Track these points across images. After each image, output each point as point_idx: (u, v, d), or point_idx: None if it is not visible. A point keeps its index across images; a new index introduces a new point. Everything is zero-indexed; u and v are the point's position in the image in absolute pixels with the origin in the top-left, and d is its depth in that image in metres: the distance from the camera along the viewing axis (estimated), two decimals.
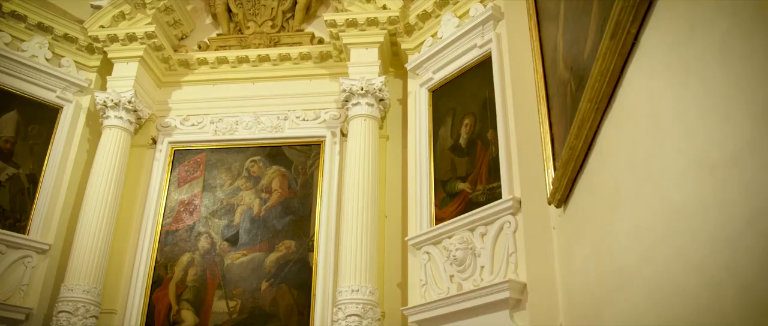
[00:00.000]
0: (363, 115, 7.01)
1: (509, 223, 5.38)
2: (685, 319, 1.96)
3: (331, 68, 7.86)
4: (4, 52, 7.33)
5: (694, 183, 1.91)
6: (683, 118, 1.99)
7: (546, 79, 4.42)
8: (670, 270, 2.10)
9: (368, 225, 6.42)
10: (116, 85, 7.58)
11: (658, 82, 2.23)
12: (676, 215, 2.05)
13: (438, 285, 5.88)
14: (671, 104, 2.10)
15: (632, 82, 2.52)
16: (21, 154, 7.24)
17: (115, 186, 7.15)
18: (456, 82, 6.64)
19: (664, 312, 2.15)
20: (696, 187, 1.89)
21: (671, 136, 2.10)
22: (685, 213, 1.97)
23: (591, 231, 3.29)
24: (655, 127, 2.26)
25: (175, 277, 7.14)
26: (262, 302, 6.88)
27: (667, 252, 2.13)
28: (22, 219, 7.01)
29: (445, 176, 6.32)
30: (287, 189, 7.42)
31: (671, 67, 2.10)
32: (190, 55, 8.15)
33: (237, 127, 7.77)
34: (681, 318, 2.00)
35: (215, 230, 7.33)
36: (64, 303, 6.50)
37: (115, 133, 7.40)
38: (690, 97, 1.95)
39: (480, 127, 6.15)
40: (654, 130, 2.26)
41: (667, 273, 2.12)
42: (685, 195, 1.97)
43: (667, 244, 2.13)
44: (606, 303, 2.94)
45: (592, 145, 3.15)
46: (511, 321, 5.10)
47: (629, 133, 2.57)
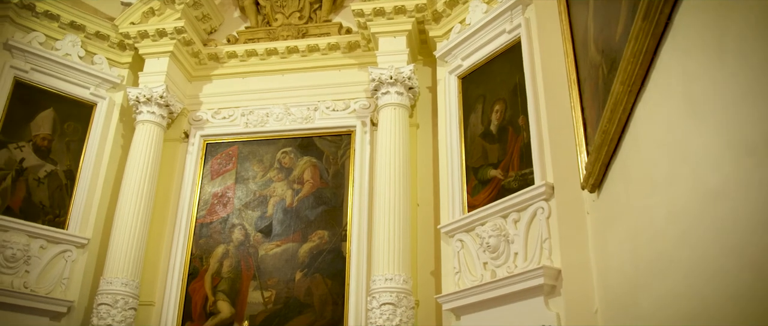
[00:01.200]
0: (393, 104, 7.00)
1: (542, 209, 5.35)
2: (725, 303, 1.93)
3: (359, 58, 7.86)
4: (39, 52, 7.47)
5: (731, 165, 1.87)
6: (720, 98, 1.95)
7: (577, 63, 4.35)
8: (708, 253, 2.07)
9: (400, 214, 6.43)
10: (148, 80, 7.67)
11: (692, 62, 2.18)
12: (713, 197, 2.01)
13: (471, 273, 5.87)
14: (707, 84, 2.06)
15: (666, 62, 2.47)
16: (58, 150, 7.38)
17: (149, 180, 7.26)
18: (485, 68, 6.59)
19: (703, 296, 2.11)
20: (734, 169, 1.85)
21: (707, 116, 2.06)
22: (723, 195, 1.93)
23: (626, 216, 3.25)
24: (690, 108, 2.21)
25: (210, 269, 7.23)
26: (296, 292, 6.94)
27: (705, 235, 2.09)
28: (61, 215, 7.16)
29: (476, 163, 6.29)
30: (319, 180, 7.45)
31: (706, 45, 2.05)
32: (219, 49, 8.21)
33: (268, 118, 7.82)
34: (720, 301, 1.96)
35: (249, 221, 7.40)
36: (104, 295, 6.63)
37: (148, 128, 7.50)
38: (726, 76, 1.90)
39: (511, 113, 6.10)
40: (689, 111, 2.22)
41: (705, 256, 2.09)
42: (723, 177, 1.93)
43: (704, 227, 2.09)
44: (642, 288, 2.90)
45: (625, 128, 3.10)
46: (545, 307, 5.07)
47: (664, 115, 2.52)
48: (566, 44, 4.61)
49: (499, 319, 5.41)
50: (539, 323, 4.95)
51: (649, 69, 2.64)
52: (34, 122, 7.34)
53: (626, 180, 3.22)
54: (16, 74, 7.32)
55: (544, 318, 4.99)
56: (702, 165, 2.11)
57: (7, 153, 7.05)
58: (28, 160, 7.16)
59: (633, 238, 3.10)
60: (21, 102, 7.29)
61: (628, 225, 3.21)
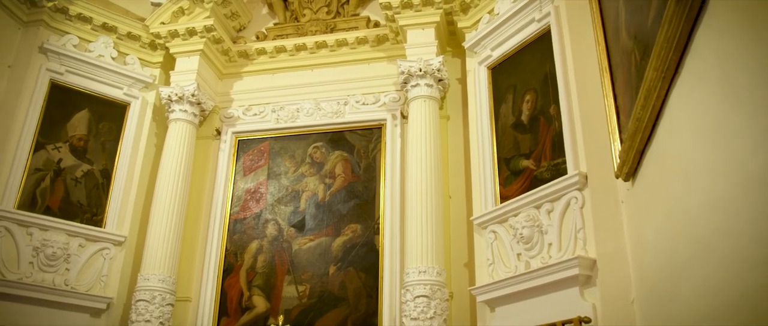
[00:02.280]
0: (423, 96, 6.98)
1: (576, 199, 5.30)
2: None
3: (388, 51, 7.85)
4: (73, 54, 7.61)
5: None
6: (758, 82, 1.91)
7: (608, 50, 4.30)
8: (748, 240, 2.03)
9: (432, 206, 6.41)
10: (179, 79, 7.76)
11: (729, 45, 2.14)
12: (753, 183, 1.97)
13: (505, 264, 5.84)
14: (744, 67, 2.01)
15: (701, 46, 2.43)
16: (94, 150, 7.51)
17: (183, 177, 7.35)
18: (515, 58, 6.53)
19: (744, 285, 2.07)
20: None
21: (745, 100, 2.02)
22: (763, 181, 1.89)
23: (662, 204, 3.20)
24: (727, 92, 2.17)
25: (245, 264, 7.30)
26: (330, 286, 6.98)
27: (745, 223, 2.05)
28: (99, 213, 7.29)
29: (508, 154, 6.25)
30: (350, 174, 7.47)
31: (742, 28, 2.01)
32: (248, 46, 8.27)
33: (298, 114, 7.86)
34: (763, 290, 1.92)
35: (282, 217, 7.45)
36: (142, 292, 6.74)
37: (181, 126, 7.59)
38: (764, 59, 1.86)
39: (542, 103, 6.05)
40: (726, 95, 2.18)
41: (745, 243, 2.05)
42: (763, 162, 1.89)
43: (744, 214, 2.05)
44: (680, 277, 2.86)
45: (660, 115, 3.05)
46: (581, 297, 5.03)
47: (699, 101, 2.47)
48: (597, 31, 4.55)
49: (534, 310, 5.37)
50: (575, 314, 4.91)
51: (684, 53, 2.60)
52: (71, 123, 7.48)
53: (662, 167, 3.18)
54: (52, 77, 7.46)
55: (579, 309, 4.94)
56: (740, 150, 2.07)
57: (45, 154, 7.20)
58: (65, 160, 7.30)
59: (669, 226, 3.05)
60: (57, 104, 7.43)
61: (664, 213, 3.17)
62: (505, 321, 5.64)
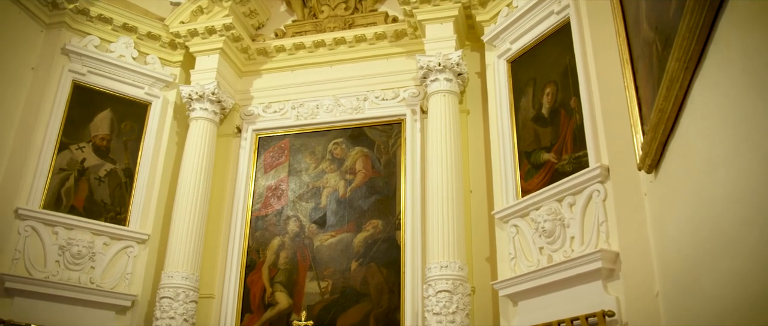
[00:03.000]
0: (442, 91, 6.96)
1: (598, 192, 5.26)
2: None
3: (407, 46, 7.84)
4: (94, 55, 7.69)
5: None
6: None
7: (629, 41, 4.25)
8: None
9: (453, 201, 6.40)
10: (199, 78, 7.81)
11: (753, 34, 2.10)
12: None
13: (527, 258, 5.82)
14: None
15: (724, 36, 2.39)
16: (116, 149, 7.59)
17: (205, 175, 7.40)
18: (535, 51, 6.50)
19: None
20: None
21: None
22: None
23: (686, 196, 3.17)
24: (751, 82, 2.14)
25: (267, 261, 7.35)
26: (352, 281, 6.99)
27: None
28: (122, 212, 7.37)
29: (528, 147, 6.22)
30: (371, 170, 7.48)
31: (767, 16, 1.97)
32: (267, 44, 8.30)
33: (318, 110, 7.88)
34: None
35: (303, 213, 7.48)
36: (165, 289, 6.81)
37: (202, 125, 7.64)
38: None
39: (562, 96, 6.01)
40: (750, 85, 2.14)
41: None
42: None
43: None
44: (705, 270, 2.83)
45: (682, 106, 3.02)
46: (604, 291, 5.00)
47: (723, 91, 2.44)
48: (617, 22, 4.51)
49: (557, 304, 5.35)
50: (598, 308, 4.88)
51: (706, 43, 2.56)
52: (93, 123, 7.56)
53: (685, 159, 3.14)
54: (74, 77, 7.55)
55: (602, 303, 4.92)
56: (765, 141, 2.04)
57: (69, 154, 7.29)
58: (88, 159, 7.39)
59: (693, 219, 3.02)
60: (80, 104, 7.52)
61: (688, 205, 3.13)
62: (527, 315, 5.62)
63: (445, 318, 5.93)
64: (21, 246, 6.72)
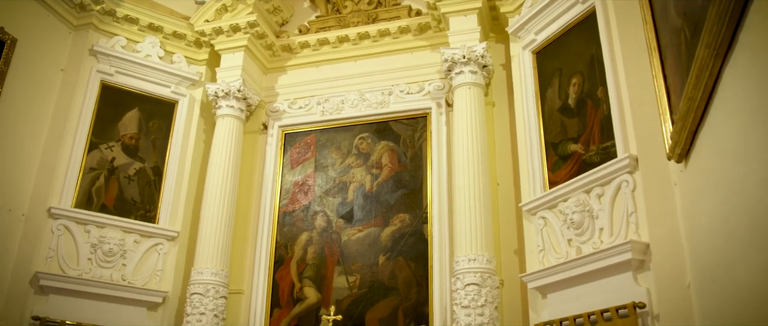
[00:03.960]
0: (467, 84, 6.93)
1: (627, 182, 5.21)
2: None
3: (431, 39, 7.81)
4: (121, 55, 7.79)
5: None
6: None
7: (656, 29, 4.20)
8: None
9: (480, 194, 6.38)
10: (225, 75, 7.87)
11: None
12: None
13: (556, 250, 5.78)
14: None
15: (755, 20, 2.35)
16: (145, 148, 7.68)
17: (232, 172, 7.46)
18: (560, 41, 6.44)
19: None
20: None
21: None
22: None
23: (717, 185, 3.13)
24: None
25: (295, 256, 7.39)
26: (380, 275, 7.01)
27: None
28: (152, 210, 7.46)
29: (555, 139, 6.17)
30: (397, 164, 7.48)
31: None
32: (291, 40, 8.33)
33: (343, 105, 7.89)
34: None
35: (330, 208, 7.51)
36: (195, 285, 6.88)
37: (228, 122, 7.70)
38: None
39: (589, 86, 5.95)
40: None
41: None
42: None
43: None
44: (737, 260, 2.79)
45: (712, 93, 2.97)
46: (635, 282, 4.95)
47: (755, 77, 2.40)
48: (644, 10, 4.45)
49: (587, 296, 5.31)
50: (629, 299, 4.84)
51: (737, 29, 2.52)
52: (122, 122, 7.66)
53: (716, 148, 3.10)
54: (103, 78, 7.66)
55: (633, 294, 4.87)
56: None
57: (99, 153, 7.39)
58: (118, 158, 7.49)
59: (725, 208, 2.98)
60: (108, 104, 7.62)
61: (719, 194, 3.09)
62: (557, 307, 5.59)
63: (473, 311, 5.91)
64: (54, 244, 6.85)
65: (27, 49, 7.09)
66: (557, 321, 5.41)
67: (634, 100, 5.23)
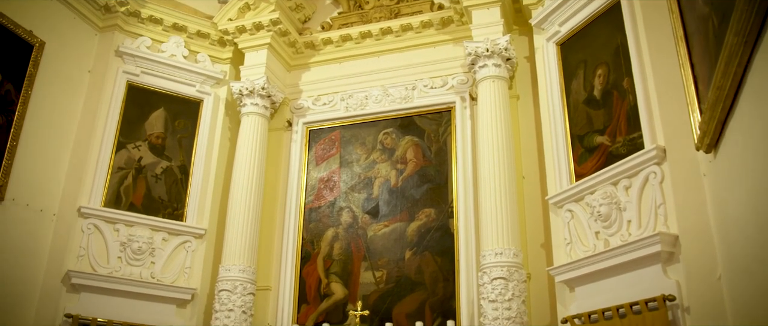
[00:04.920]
0: (491, 77, 6.89)
1: (655, 174, 5.15)
2: None
3: (453, 33, 7.78)
4: (147, 55, 7.88)
5: None
6: None
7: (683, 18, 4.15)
8: None
9: (506, 188, 6.34)
10: (249, 73, 7.91)
11: None
12: None
13: (583, 243, 5.74)
14: None
15: None
16: (171, 147, 7.76)
17: (258, 169, 7.51)
18: (584, 32, 6.38)
19: None
20: None
21: None
22: None
23: (747, 175, 3.08)
24: None
25: (322, 252, 7.42)
26: (407, 270, 7.01)
27: None
28: (179, 208, 7.54)
29: (581, 131, 6.12)
30: (422, 158, 7.47)
31: None
32: (314, 37, 8.34)
33: (367, 101, 7.90)
34: None
35: (356, 204, 7.52)
36: (224, 282, 6.94)
37: (253, 120, 7.74)
38: None
39: (614, 77, 5.89)
40: None
41: None
42: None
43: None
44: None
45: (742, 82, 2.93)
46: (664, 275, 4.90)
47: None
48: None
49: (615, 289, 5.27)
50: (658, 292, 4.79)
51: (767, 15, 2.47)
52: (148, 122, 7.75)
53: (746, 137, 3.05)
54: (129, 78, 7.75)
55: (663, 287, 4.82)
56: None
57: (126, 153, 7.49)
58: (145, 158, 7.58)
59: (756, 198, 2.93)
60: (134, 104, 7.71)
61: (749, 184, 3.05)
62: (585, 300, 5.55)
63: (501, 305, 5.89)
64: (85, 243, 6.95)
65: (55, 51, 7.21)
66: (585, 314, 5.38)
67: (660, 90, 5.16)
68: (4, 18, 6.64)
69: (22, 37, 6.84)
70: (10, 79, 6.68)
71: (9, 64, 6.69)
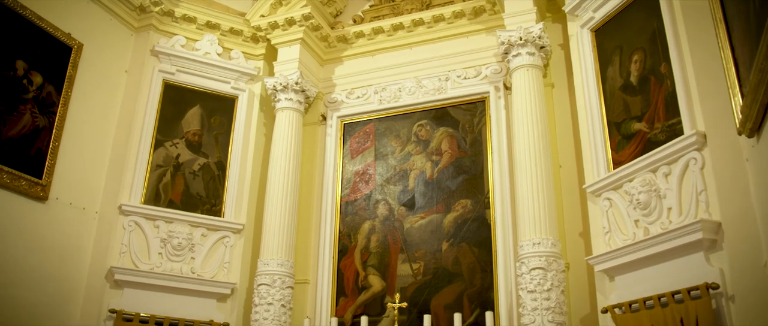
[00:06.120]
0: (525, 66, 6.83)
1: (695, 160, 5.06)
2: None
3: (486, 22, 7.73)
4: (182, 54, 7.98)
5: None
6: None
7: None
8: None
9: (543, 177, 6.29)
10: (282, 69, 7.97)
11: None
12: None
13: (622, 232, 5.67)
14: None
15: None
16: (208, 144, 7.86)
17: (293, 164, 7.57)
18: (619, 17, 6.28)
19: None
20: None
21: None
22: None
23: None
24: None
25: (359, 245, 7.45)
26: (444, 262, 7.00)
27: None
28: (217, 204, 7.64)
29: (618, 118, 6.04)
30: (457, 149, 7.45)
31: None
32: (346, 30, 8.36)
33: (400, 93, 7.89)
34: None
35: (391, 196, 7.53)
36: (262, 276, 7.02)
37: (288, 115, 7.80)
38: None
39: (651, 62, 5.79)
40: None
41: None
42: None
43: None
44: None
45: None
46: (707, 263, 4.82)
47: None
48: None
49: (657, 278, 5.19)
50: (701, 280, 4.71)
51: None
52: (185, 119, 7.85)
53: None
54: (165, 77, 7.86)
55: (706, 275, 4.74)
56: None
57: (164, 151, 7.60)
58: (182, 155, 7.69)
59: None
60: (171, 102, 7.82)
61: None
62: (625, 290, 5.48)
63: (539, 295, 5.86)
64: (126, 240, 7.09)
65: (93, 53, 7.35)
66: (626, 303, 5.32)
67: (699, 74, 5.06)
68: (44, 22, 6.78)
69: (61, 39, 6.98)
70: (51, 81, 6.83)
71: (49, 66, 6.84)
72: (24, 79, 6.58)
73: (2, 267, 6.07)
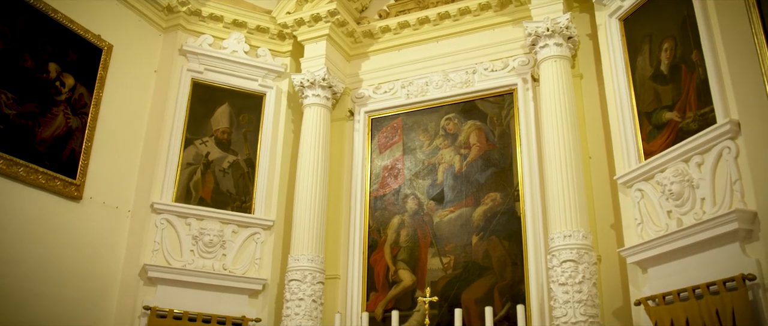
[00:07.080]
0: (553, 57, 6.77)
1: (729, 149, 4.97)
2: None
3: (512, 14, 7.67)
4: (209, 52, 8.04)
5: None
6: None
7: None
8: None
9: (572, 169, 6.24)
10: (309, 65, 7.99)
11: None
12: None
13: (655, 223, 5.60)
14: None
15: None
16: (237, 141, 7.92)
17: (322, 160, 7.60)
18: (648, 5, 6.18)
19: None
20: None
21: None
22: None
23: None
24: None
25: (388, 239, 7.46)
26: (474, 256, 6.98)
27: None
28: (247, 200, 7.70)
29: (648, 108, 5.96)
30: (485, 142, 7.41)
31: None
32: (372, 25, 8.35)
33: (427, 87, 7.87)
34: None
35: (420, 190, 7.53)
36: (293, 272, 7.06)
37: (316, 111, 7.82)
38: None
39: (682, 50, 5.70)
40: None
41: None
42: None
43: None
44: None
45: None
46: (742, 253, 4.74)
47: None
48: None
49: (691, 269, 5.12)
50: (737, 271, 4.63)
51: None
52: (214, 118, 7.92)
53: None
54: (193, 76, 7.94)
55: (741, 266, 4.66)
56: None
57: (194, 149, 7.68)
58: (212, 153, 7.76)
59: None
60: (200, 101, 7.90)
61: None
62: (659, 281, 5.42)
63: (571, 288, 5.81)
64: (159, 237, 7.19)
65: (122, 53, 7.46)
66: (660, 295, 5.25)
67: (732, 61, 4.96)
68: (74, 24, 6.89)
69: (92, 41, 7.09)
70: (83, 82, 6.94)
71: (81, 68, 6.95)
72: (56, 81, 6.70)
73: (40, 266, 6.21)
